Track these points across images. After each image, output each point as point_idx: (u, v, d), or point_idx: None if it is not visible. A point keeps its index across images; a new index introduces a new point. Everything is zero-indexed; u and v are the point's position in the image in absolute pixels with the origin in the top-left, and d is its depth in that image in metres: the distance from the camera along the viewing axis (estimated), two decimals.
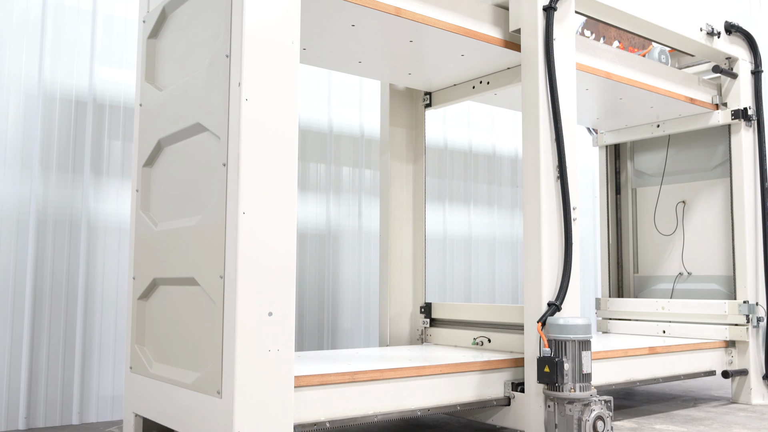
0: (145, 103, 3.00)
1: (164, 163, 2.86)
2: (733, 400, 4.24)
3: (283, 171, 2.36)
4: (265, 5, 2.39)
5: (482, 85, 3.70)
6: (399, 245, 3.93)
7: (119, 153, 3.68)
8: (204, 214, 2.48)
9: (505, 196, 5.36)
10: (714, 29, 4.12)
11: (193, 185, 2.60)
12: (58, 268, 3.48)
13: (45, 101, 3.50)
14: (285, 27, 2.43)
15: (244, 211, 2.29)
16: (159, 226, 2.82)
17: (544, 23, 3.11)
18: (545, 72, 3.09)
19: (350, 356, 3.20)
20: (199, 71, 2.58)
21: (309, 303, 4.30)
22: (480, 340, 3.57)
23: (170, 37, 2.89)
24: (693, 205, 4.76)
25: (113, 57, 3.70)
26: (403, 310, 3.92)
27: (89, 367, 3.52)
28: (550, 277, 3.05)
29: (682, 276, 4.77)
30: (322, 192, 4.41)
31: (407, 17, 2.94)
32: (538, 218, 3.06)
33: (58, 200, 3.50)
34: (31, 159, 3.45)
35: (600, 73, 3.71)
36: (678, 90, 4.15)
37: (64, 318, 3.48)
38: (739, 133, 4.30)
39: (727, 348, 4.22)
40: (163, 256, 2.75)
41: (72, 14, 3.61)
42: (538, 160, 3.07)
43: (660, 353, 3.83)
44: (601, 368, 3.49)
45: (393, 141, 3.95)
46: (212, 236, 2.41)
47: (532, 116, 3.11)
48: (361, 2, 2.80)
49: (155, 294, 2.84)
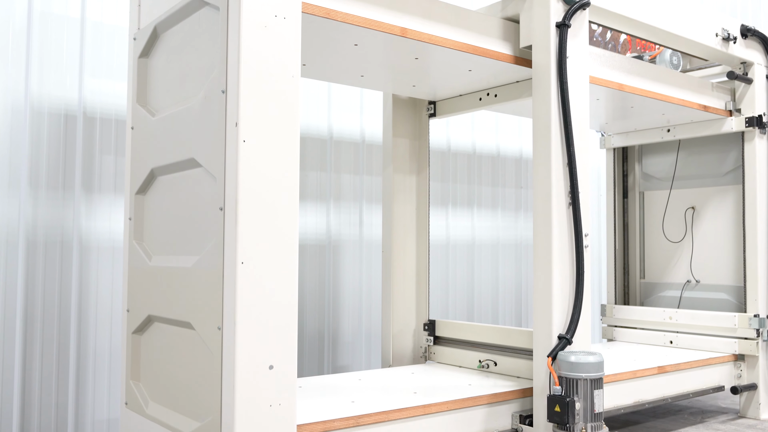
0: (137, 126, 2.85)
1: (158, 193, 2.73)
2: (741, 414, 4.17)
3: (284, 218, 2.23)
4: (264, 38, 2.23)
5: (489, 98, 3.55)
6: (402, 261, 3.81)
7: (111, 168, 3.54)
8: (201, 257, 2.35)
9: (509, 198, 5.23)
10: (730, 34, 3.96)
11: (189, 223, 2.47)
12: (49, 290, 3.36)
13: (33, 116, 3.34)
14: (285, 60, 2.27)
15: (242, 261, 2.16)
16: (153, 261, 2.70)
17: (557, 40, 2.95)
18: (558, 93, 2.94)
19: (352, 386, 3.10)
20: (194, 103, 2.43)
21: (309, 314, 4.19)
22: (486, 363, 3.47)
23: (162, 57, 2.73)
24: (703, 212, 4.64)
25: (103, 67, 3.54)
26: (406, 327, 3.81)
27: (84, 391, 3.42)
28: (561, 306, 2.94)
29: (690, 284, 4.67)
30: (322, 201, 4.27)
31: (413, 37, 2.78)
32: (549, 246, 2.93)
33: (49, 219, 3.36)
34: (19, 177, 3.30)
35: (612, 85, 3.55)
36: (691, 98, 4.00)
37: (57, 341, 3.36)
38: (753, 140, 4.16)
39: (736, 362, 4.13)
40: (158, 294, 2.62)
41: (59, 23, 3.43)
42: (549, 187, 2.94)
43: (669, 372, 3.74)
44: (609, 392, 3.40)
45: (396, 153, 3.80)
46: (209, 282, 2.29)
47: (543, 140, 2.97)
48: (365, 24, 2.64)
49: (150, 329, 2.73)
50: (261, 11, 2.23)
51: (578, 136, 2.98)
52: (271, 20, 2.25)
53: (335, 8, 2.56)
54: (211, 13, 2.38)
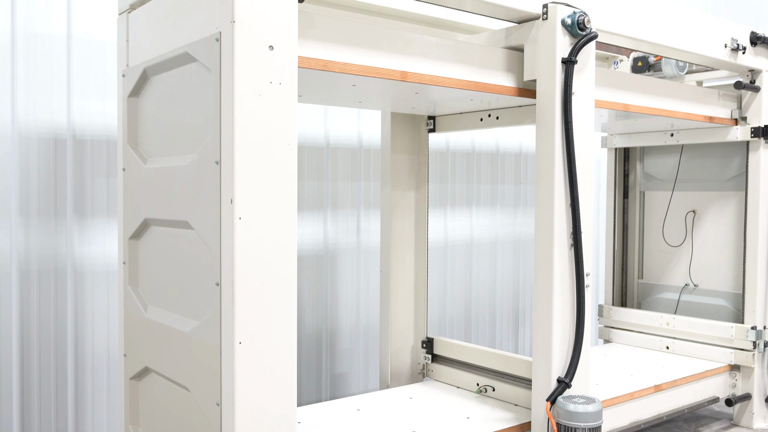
0: (129, 169, 2.77)
1: (152, 241, 2.67)
2: (735, 422, 4.22)
3: (282, 295, 2.18)
4: (259, 107, 2.13)
5: (491, 119, 3.45)
6: (400, 279, 3.77)
7: (104, 190, 3.46)
8: (199, 325, 2.31)
9: (508, 195, 5.17)
10: (739, 45, 3.83)
11: (185, 284, 2.42)
12: (44, 319, 3.32)
13: (21, 142, 3.24)
14: (281, 128, 2.18)
15: (240, 342, 2.12)
16: (149, 312, 2.66)
17: (562, 77, 2.84)
18: (562, 131, 2.86)
19: (348, 419, 3.10)
20: (187, 164, 2.34)
21: (308, 321, 4.18)
22: (484, 387, 3.47)
23: (153, 100, 2.63)
24: (703, 216, 4.60)
25: (92, 86, 3.42)
26: (404, 345, 3.81)
27: (83, 420, 3.42)
28: (561, 348, 2.92)
29: (688, 287, 4.66)
30: (319, 210, 4.21)
31: (414, 80, 2.67)
32: (550, 288, 2.90)
33: (41, 247, 3.30)
34: (9, 206, 3.23)
35: (617, 106, 3.46)
36: (696, 110, 3.90)
37: (54, 371, 3.35)
38: (758, 151, 4.09)
39: (731, 371, 4.16)
40: (155, 348, 2.60)
41: (44, 42, 3.30)
42: (552, 228, 2.88)
43: (665, 389, 3.76)
44: (606, 416, 3.42)
45: (395, 169, 3.72)
46: (207, 354, 2.25)
47: (547, 179, 2.90)
48: (365, 73, 2.53)
49: (148, 378, 2.71)
50: (256, 78, 2.13)
51: (582, 176, 2.91)
52: (266, 87, 2.15)
53: (333, 59, 2.45)
54: (202, 70, 2.27)
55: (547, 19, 2.86)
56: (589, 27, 2.86)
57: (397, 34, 2.65)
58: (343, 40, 2.48)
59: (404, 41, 2.65)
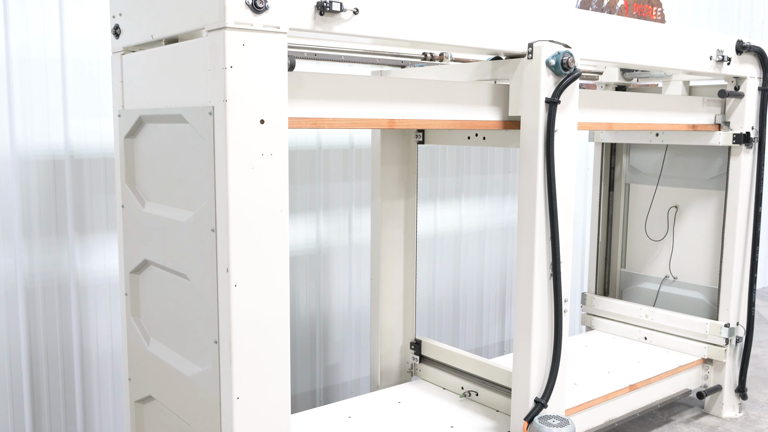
0: (128, 206, 2.88)
1: (152, 279, 2.81)
2: (706, 410, 4.48)
3: (275, 355, 2.34)
4: (252, 179, 2.24)
5: (478, 138, 3.55)
6: (390, 283, 3.94)
7: (102, 206, 3.57)
8: (199, 373, 2.48)
9: (496, 184, 5.29)
10: (725, 56, 3.89)
11: (184, 331, 2.58)
12: (51, 332, 3.49)
13: (21, 166, 3.34)
14: (274, 196, 2.30)
15: (238, 396, 2.30)
16: (152, 345, 2.82)
17: (546, 117, 2.94)
18: (544, 169, 2.97)
19: (340, 428, 3.32)
20: (184, 222, 2.46)
21: (302, 317, 4.37)
22: (468, 392, 3.69)
23: (150, 143, 2.72)
24: (685, 212, 4.74)
25: (87, 106, 3.48)
26: (393, 346, 4.01)
27: (90, 423, 3.64)
28: (539, 370, 3.11)
29: (668, 279, 4.85)
30: (312, 211, 4.33)
31: (401, 126, 2.77)
32: (530, 315, 3.07)
33: (44, 266, 3.44)
34: (12, 229, 3.35)
35: (600, 126, 3.55)
36: (680, 119, 3.99)
37: (62, 379, 3.54)
38: (739, 156, 4.20)
39: (704, 364, 4.39)
40: (158, 381, 2.77)
41: (39, 66, 3.35)
42: (532, 260, 3.03)
43: (639, 388, 3.99)
44: (582, 418, 3.66)
45: (384, 180, 3.83)
46: (207, 402, 2.43)
47: (528, 212, 3.03)
48: (353, 126, 2.62)
49: (152, 405, 2.90)
50: (248, 151, 2.23)
51: (563, 210, 3.03)
52: (258, 159, 2.25)
53: (323, 116, 2.54)
54: (196, 135, 2.36)
55: (532, 59, 2.93)
56: (573, 66, 2.93)
57: (383, 83, 2.72)
58: (331, 96, 2.56)
59: (390, 89, 2.73)
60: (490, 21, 2.83)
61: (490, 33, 2.84)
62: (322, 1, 2.31)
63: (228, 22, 2.14)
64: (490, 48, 2.87)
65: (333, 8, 2.34)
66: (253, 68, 2.20)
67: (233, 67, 2.16)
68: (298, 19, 2.30)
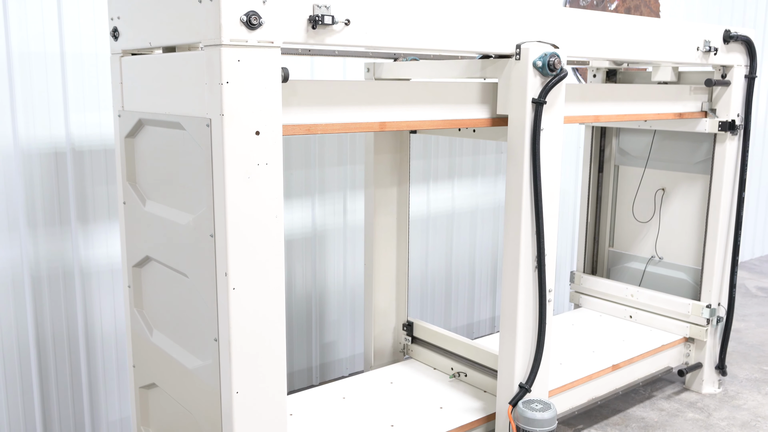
0: (129, 204, 3.00)
1: (154, 273, 2.94)
2: (686, 386, 4.67)
3: (271, 351, 2.48)
4: (248, 189, 2.35)
5: (468, 131, 3.64)
6: (383, 268, 4.07)
7: (104, 196, 3.68)
8: (200, 366, 2.62)
9: (489, 164, 5.39)
10: (711, 46, 3.97)
11: (185, 325, 2.72)
12: (56, 317, 3.64)
13: (24, 159, 3.44)
14: (269, 203, 2.41)
15: (237, 391, 2.45)
16: (154, 336, 2.97)
17: (532, 116, 3.03)
18: (530, 166, 3.07)
19: (335, 409, 3.49)
20: (184, 225, 2.58)
21: (298, 297, 4.52)
22: (457, 373, 3.86)
23: (150, 144, 2.83)
24: (672, 194, 4.86)
25: (87, 99, 3.57)
26: (386, 327, 4.16)
27: (97, 405, 3.81)
28: (523, 356, 3.27)
29: (654, 259, 4.99)
30: (307, 195, 4.45)
31: (392, 128, 2.87)
32: (515, 305, 3.21)
33: (49, 255, 3.57)
34: (17, 220, 3.46)
35: (588, 119, 3.65)
36: (667, 108, 4.08)
37: (69, 361, 3.70)
38: (724, 143, 4.30)
39: (686, 343, 4.56)
40: (161, 371, 2.92)
41: (39, 61, 3.42)
42: (518, 252, 3.16)
43: (622, 367, 4.17)
44: (565, 397, 3.84)
45: (377, 169, 3.94)
46: (208, 395, 2.58)
47: (515, 207, 3.14)
48: (345, 130, 2.72)
49: (156, 391, 3.06)
50: (244, 162, 2.34)
51: (548, 205, 3.15)
52: (254, 169, 2.36)
53: (316, 122, 2.63)
54: (195, 142, 2.46)
55: (520, 60, 3.01)
56: (559, 67, 3.02)
57: (373, 87, 2.82)
58: (324, 102, 2.65)
59: (381, 93, 2.82)
60: (479, 25, 2.91)
61: (478, 37, 2.92)
62: (314, 14, 2.39)
63: (224, 40, 2.22)
64: (479, 51, 2.95)
65: (325, 21, 2.42)
66: (249, 82, 2.29)
67: (229, 83, 2.25)
68: (291, 33, 2.38)
